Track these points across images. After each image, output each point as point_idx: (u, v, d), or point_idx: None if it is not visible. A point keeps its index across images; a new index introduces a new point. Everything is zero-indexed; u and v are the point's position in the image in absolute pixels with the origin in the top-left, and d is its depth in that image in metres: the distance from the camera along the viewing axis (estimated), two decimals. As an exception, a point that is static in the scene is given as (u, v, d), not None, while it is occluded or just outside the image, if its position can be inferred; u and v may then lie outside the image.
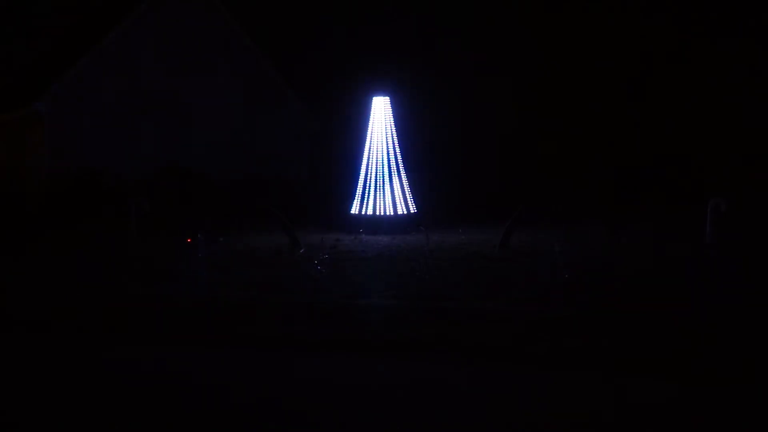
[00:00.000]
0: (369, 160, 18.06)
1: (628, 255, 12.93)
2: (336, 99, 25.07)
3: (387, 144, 18.04)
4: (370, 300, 9.37)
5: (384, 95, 18.26)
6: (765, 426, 5.63)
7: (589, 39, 25.14)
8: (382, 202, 17.83)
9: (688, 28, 24.21)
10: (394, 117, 18.27)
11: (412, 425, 5.59)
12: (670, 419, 5.65)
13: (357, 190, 18.14)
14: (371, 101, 18.25)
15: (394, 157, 18.06)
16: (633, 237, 15.67)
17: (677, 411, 5.83)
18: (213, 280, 10.65)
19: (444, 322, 8.37)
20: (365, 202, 17.95)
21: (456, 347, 7.51)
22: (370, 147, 18.10)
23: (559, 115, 25.35)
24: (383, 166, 17.93)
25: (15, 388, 6.58)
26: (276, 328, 8.36)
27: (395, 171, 18.01)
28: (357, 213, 17.96)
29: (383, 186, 17.87)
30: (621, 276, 10.69)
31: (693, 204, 16.42)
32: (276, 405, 6.03)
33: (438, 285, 10.05)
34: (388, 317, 8.61)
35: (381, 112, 18.11)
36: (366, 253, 13.58)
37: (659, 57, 24.82)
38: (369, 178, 17.99)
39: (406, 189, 18.14)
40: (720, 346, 7.29)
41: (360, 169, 18.19)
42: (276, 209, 15.71)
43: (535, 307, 8.82)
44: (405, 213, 17.98)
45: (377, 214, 17.78)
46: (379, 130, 18.05)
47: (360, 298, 9.47)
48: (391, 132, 18.15)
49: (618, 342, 7.45)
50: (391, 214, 17.80)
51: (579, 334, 7.75)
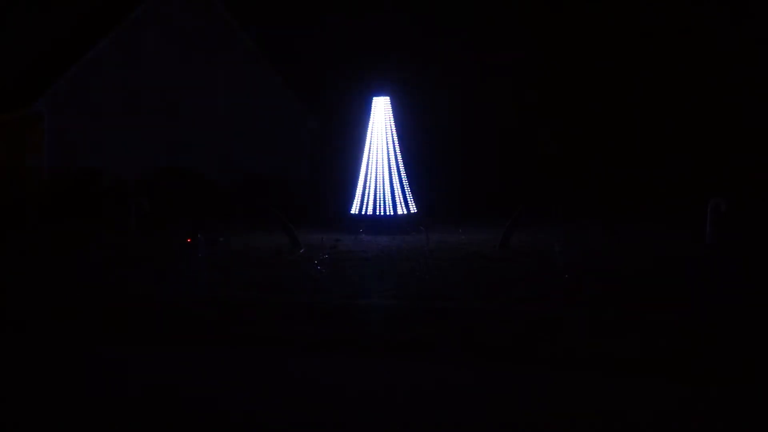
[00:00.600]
0: (369, 160, 18.06)
1: (628, 255, 12.93)
2: (336, 99, 25.07)
3: (387, 144, 18.04)
4: (370, 300, 9.37)
5: (384, 95, 18.25)
6: (765, 426, 5.63)
7: (589, 39, 25.14)
8: (382, 202, 17.83)
9: (688, 27, 24.21)
10: (394, 117, 18.28)
11: (412, 425, 5.59)
12: (670, 419, 5.65)
13: (357, 190, 18.14)
14: (371, 101, 18.25)
15: (394, 157, 18.06)
16: (633, 237, 15.68)
17: (677, 411, 5.83)
18: (213, 280, 10.66)
19: (444, 322, 8.36)
20: (365, 202, 17.95)
21: (456, 347, 7.51)
22: (370, 147, 18.10)
23: (559, 115, 25.35)
24: (383, 166, 17.94)
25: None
26: (276, 328, 8.35)
27: (395, 171, 18.01)
28: (357, 213, 17.96)
29: (383, 186, 17.87)
30: (621, 276, 10.68)
31: (693, 204, 16.45)
32: (276, 405, 6.03)
33: (438, 285, 10.05)
34: (388, 317, 8.61)
35: (381, 112, 18.12)
36: (366, 253, 13.58)
37: (659, 56, 24.81)
38: (369, 178, 17.98)
39: (406, 189, 18.14)
40: (720, 346, 7.29)
41: (360, 169, 18.19)
42: (276, 209, 15.71)
43: (535, 307, 8.82)
44: (405, 213, 17.98)
45: (377, 214, 17.78)
46: (379, 130, 18.05)
47: (360, 298, 9.47)
48: (391, 132, 18.15)
49: (618, 342, 7.45)
50: (391, 214, 17.80)
51: (579, 334, 7.75)
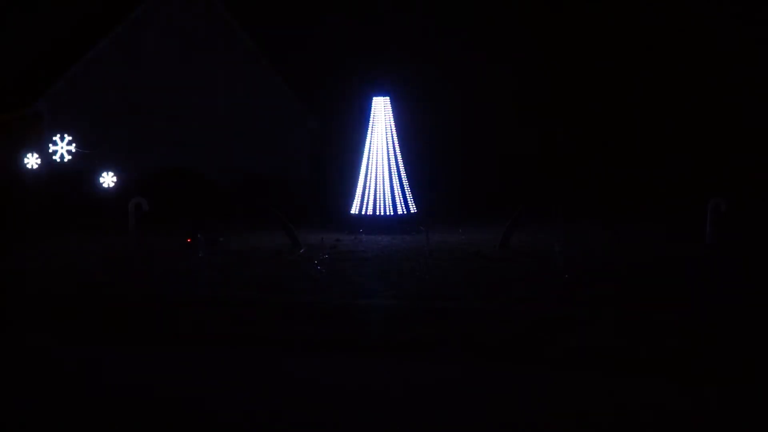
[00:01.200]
0: (369, 160, 18.06)
1: (628, 255, 12.93)
2: (336, 99, 25.06)
3: (387, 144, 18.04)
4: (370, 300, 9.37)
5: (384, 95, 18.24)
6: (765, 426, 5.63)
7: (589, 39, 25.15)
8: (382, 202, 17.83)
9: (688, 27, 24.21)
10: (394, 117, 18.27)
11: (412, 425, 5.59)
12: (670, 419, 5.65)
13: (357, 190, 18.13)
14: (371, 101, 18.25)
15: (394, 157, 18.06)
16: (633, 237, 15.68)
17: (677, 411, 5.83)
18: (213, 279, 10.67)
19: (444, 322, 8.36)
20: (365, 202, 17.94)
21: (456, 347, 7.51)
22: (370, 147, 18.10)
23: (559, 115, 25.36)
24: (383, 166, 17.93)
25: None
26: (276, 328, 8.35)
27: (395, 171, 18.00)
28: (357, 213, 17.95)
29: (383, 186, 17.87)
30: (621, 276, 10.69)
31: (693, 204, 16.45)
32: (276, 405, 6.03)
33: (438, 285, 10.05)
34: (388, 317, 8.61)
35: (381, 112, 18.11)
36: (366, 253, 13.58)
37: (659, 56, 24.82)
38: (369, 178, 17.98)
39: (406, 189, 18.13)
40: (720, 346, 7.29)
41: (360, 169, 18.19)
42: (276, 209, 15.71)
43: (535, 307, 8.82)
44: (405, 213, 17.98)
45: (377, 214, 17.77)
46: (379, 130, 18.05)
47: (360, 298, 9.47)
48: (391, 132, 18.15)
49: (618, 342, 7.45)
50: (391, 214, 17.80)
51: (579, 334, 7.75)
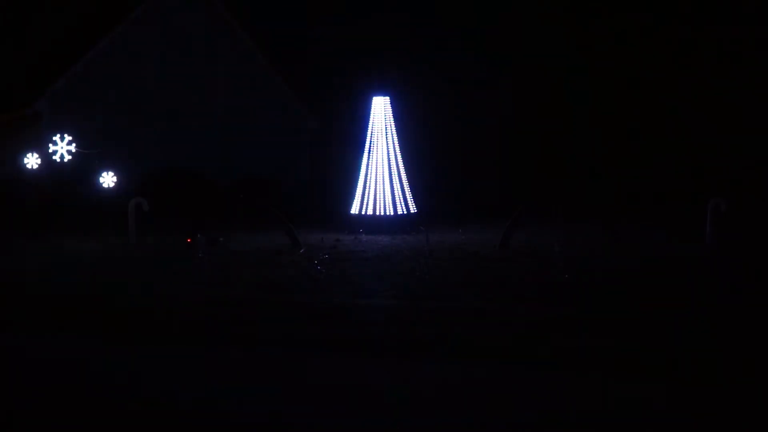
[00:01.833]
0: (369, 160, 18.06)
1: (628, 255, 12.93)
2: (336, 99, 25.06)
3: (387, 144, 18.03)
4: (370, 300, 9.37)
5: (384, 95, 18.25)
6: (765, 426, 5.63)
7: (589, 38, 25.15)
8: (382, 202, 17.83)
9: (688, 27, 24.21)
10: (394, 117, 18.27)
11: (412, 425, 5.59)
12: (670, 419, 5.64)
13: (357, 190, 18.13)
14: (371, 101, 18.25)
15: (394, 157, 18.06)
16: (633, 237, 15.68)
17: (677, 411, 5.83)
18: (213, 279, 10.67)
19: (444, 322, 8.36)
20: (365, 202, 17.94)
21: (456, 347, 7.50)
22: (370, 147, 18.10)
23: (560, 115, 25.36)
24: (383, 166, 17.93)
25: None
26: (276, 328, 8.35)
27: (395, 171, 18.00)
28: (357, 213, 17.95)
29: (383, 186, 17.87)
30: (621, 276, 10.68)
31: (693, 204, 16.45)
32: (275, 405, 6.02)
33: (438, 285, 10.05)
34: (388, 317, 8.60)
35: (381, 112, 18.10)
36: (366, 253, 13.58)
37: (660, 56, 24.82)
38: (369, 178, 17.98)
39: (406, 189, 18.13)
40: (720, 346, 7.28)
41: (360, 169, 18.19)
42: (276, 209, 15.71)
43: (535, 307, 8.82)
44: (405, 213, 17.98)
45: (377, 214, 17.77)
46: (379, 130, 18.04)
47: (360, 298, 9.47)
48: (391, 132, 18.15)
49: (618, 342, 7.44)
50: (391, 214, 17.80)
51: (579, 334, 7.74)
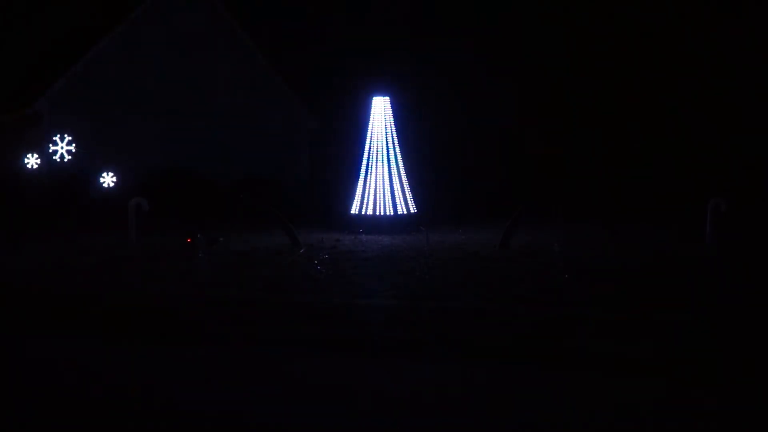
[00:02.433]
0: (369, 160, 18.06)
1: (628, 255, 12.93)
2: (336, 99, 25.07)
3: (387, 144, 18.03)
4: (370, 300, 9.36)
5: (384, 95, 18.25)
6: (765, 426, 5.63)
7: (590, 38, 25.15)
8: (382, 202, 17.83)
9: (688, 27, 24.22)
10: (394, 117, 18.27)
11: (412, 425, 5.59)
12: (669, 419, 5.65)
13: (357, 190, 18.13)
14: (371, 101, 18.25)
15: (394, 157, 18.06)
16: (633, 237, 15.68)
17: (677, 411, 5.83)
18: (213, 280, 10.66)
19: (444, 322, 8.36)
20: (365, 202, 17.94)
21: (456, 347, 7.50)
22: (370, 147, 18.10)
23: (560, 115, 25.37)
24: (383, 166, 17.93)
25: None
26: (276, 328, 8.35)
27: (395, 171, 18.00)
28: (357, 213, 17.95)
29: (383, 186, 17.87)
30: (621, 276, 10.68)
31: (693, 204, 16.46)
32: (275, 405, 6.03)
33: (438, 285, 10.04)
34: (388, 317, 8.60)
35: (381, 112, 18.11)
36: (366, 253, 13.58)
37: (660, 56, 24.82)
38: (369, 178, 17.98)
39: (406, 189, 18.14)
40: (720, 346, 7.28)
41: (360, 169, 18.19)
42: (276, 209, 15.71)
43: (535, 307, 8.82)
44: (405, 213, 17.98)
45: (377, 214, 17.78)
46: (379, 130, 18.04)
47: (360, 298, 9.46)
48: (391, 132, 18.15)
49: (618, 342, 7.44)
50: (391, 214, 17.80)
51: (579, 334, 7.74)
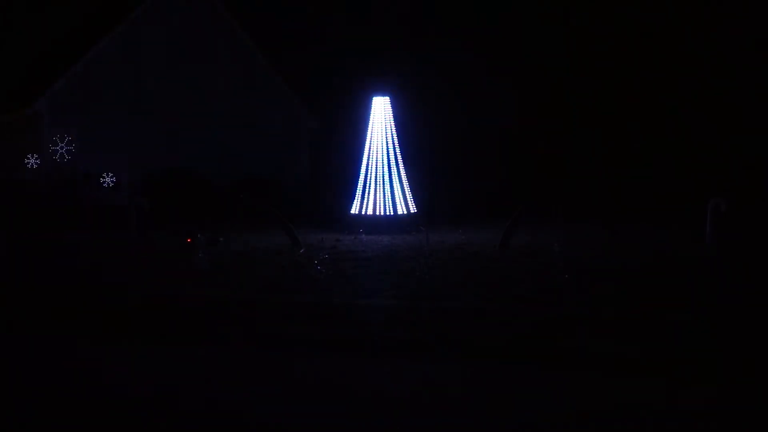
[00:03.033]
0: (369, 160, 18.06)
1: (628, 255, 12.93)
2: (336, 99, 25.06)
3: (387, 144, 18.03)
4: (370, 300, 9.36)
5: (384, 95, 18.25)
6: (765, 426, 5.63)
7: (590, 38, 25.15)
8: (382, 202, 17.83)
9: (688, 27, 24.22)
10: (394, 117, 18.27)
11: (412, 425, 5.59)
12: (669, 419, 5.65)
13: (357, 190, 18.13)
14: (371, 101, 18.25)
15: (394, 157, 18.06)
16: (633, 237, 15.68)
17: (677, 411, 5.83)
18: (213, 280, 10.66)
19: (444, 322, 8.36)
20: (365, 202, 17.95)
21: (456, 347, 7.50)
22: (370, 147, 18.10)
23: (560, 115, 25.36)
24: (383, 166, 17.93)
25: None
26: (276, 328, 8.35)
27: (395, 171, 18.00)
28: (357, 213, 17.96)
29: (383, 186, 17.87)
30: (621, 276, 10.68)
31: (693, 204, 16.45)
32: (276, 405, 6.03)
33: (438, 285, 10.05)
34: (388, 317, 8.60)
35: (381, 112, 18.11)
36: (366, 253, 13.58)
37: (659, 56, 24.82)
38: (369, 178, 17.98)
39: (406, 189, 18.14)
40: (720, 346, 7.29)
41: (360, 169, 18.19)
42: (276, 209, 15.71)
43: (535, 307, 8.82)
44: (405, 213, 17.98)
45: (377, 214, 17.78)
46: (379, 130, 18.05)
47: (360, 298, 9.46)
48: (391, 132, 18.15)
49: (618, 342, 7.44)
50: (391, 214, 17.80)
51: (579, 334, 7.74)
